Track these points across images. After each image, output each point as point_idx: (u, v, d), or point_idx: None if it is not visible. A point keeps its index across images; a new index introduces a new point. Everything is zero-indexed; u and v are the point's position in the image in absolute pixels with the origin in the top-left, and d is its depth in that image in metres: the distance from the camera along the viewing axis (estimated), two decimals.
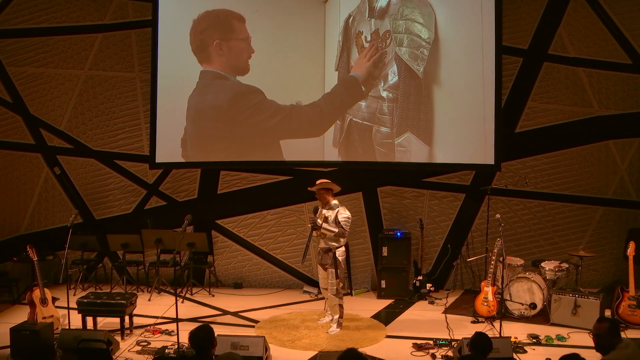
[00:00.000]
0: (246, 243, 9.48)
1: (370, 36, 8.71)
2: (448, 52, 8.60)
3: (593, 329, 4.94)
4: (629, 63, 8.66)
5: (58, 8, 9.13)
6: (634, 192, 8.86)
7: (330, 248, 7.29)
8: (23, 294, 8.20)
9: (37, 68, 9.21)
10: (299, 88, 8.83)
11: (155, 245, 8.79)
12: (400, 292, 8.78)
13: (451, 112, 8.66)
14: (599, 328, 4.87)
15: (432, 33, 8.57)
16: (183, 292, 8.90)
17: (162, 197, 9.51)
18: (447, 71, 8.62)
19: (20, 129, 9.32)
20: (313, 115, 8.84)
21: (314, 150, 8.90)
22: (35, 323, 6.85)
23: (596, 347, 4.86)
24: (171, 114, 8.97)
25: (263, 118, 8.84)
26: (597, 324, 4.92)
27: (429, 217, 9.23)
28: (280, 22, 8.84)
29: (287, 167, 9.20)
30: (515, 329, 7.43)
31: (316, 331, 7.38)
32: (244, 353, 6.05)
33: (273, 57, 8.84)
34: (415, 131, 8.71)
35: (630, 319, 7.40)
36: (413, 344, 6.91)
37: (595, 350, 4.88)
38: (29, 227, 9.48)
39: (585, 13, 8.66)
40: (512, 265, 8.16)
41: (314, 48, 8.81)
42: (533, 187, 8.96)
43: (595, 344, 4.88)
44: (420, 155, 8.74)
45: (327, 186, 7.37)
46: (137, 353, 6.66)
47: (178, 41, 8.93)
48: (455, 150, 8.72)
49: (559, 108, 8.89)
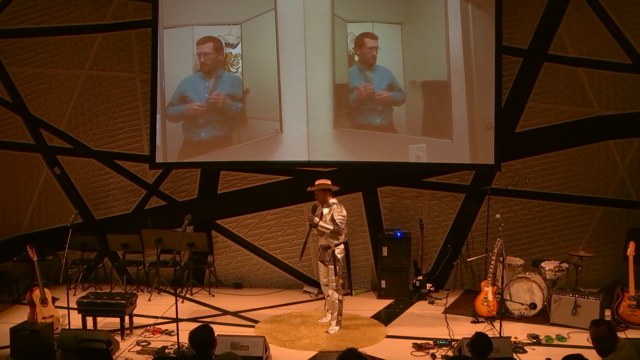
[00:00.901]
0: (246, 243, 9.48)
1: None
2: (448, 52, 8.60)
3: (592, 334, 4.88)
4: (629, 63, 8.65)
5: (58, 8, 9.12)
6: (634, 192, 8.86)
7: (329, 245, 7.34)
8: (23, 294, 8.21)
9: (37, 68, 9.21)
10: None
11: (155, 245, 8.80)
12: (400, 292, 8.78)
13: (451, 112, 8.66)
14: (598, 332, 4.83)
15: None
16: (183, 292, 8.90)
17: (162, 197, 9.51)
18: (447, 71, 8.62)
19: (20, 129, 9.32)
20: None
21: (314, 150, 8.91)
22: (35, 323, 6.85)
23: (598, 351, 4.84)
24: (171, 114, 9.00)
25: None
26: (595, 328, 4.86)
27: (429, 217, 9.23)
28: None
29: (287, 167, 9.20)
30: (515, 329, 7.44)
31: (316, 331, 7.38)
32: (243, 353, 6.05)
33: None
34: (415, 131, 8.72)
35: (630, 319, 7.40)
36: (413, 344, 6.91)
37: (598, 354, 4.87)
38: (29, 227, 9.48)
39: (585, 13, 8.65)
40: (512, 265, 8.16)
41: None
42: (533, 187, 8.96)
43: (597, 349, 4.85)
44: (421, 155, 8.75)
45: (325, 187, 7.42)
46: (137, 353, 6.67)
47: (178, 41, 8.94)
48: (456, 150, 8.72)
49: (559, 108, 8.88)
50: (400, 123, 8.81)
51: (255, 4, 8.91)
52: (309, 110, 8.89)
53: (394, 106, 8.78)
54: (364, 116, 8.87)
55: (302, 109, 8.89)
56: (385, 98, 8.79)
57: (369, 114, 8.85)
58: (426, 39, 8.73)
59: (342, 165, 8.91)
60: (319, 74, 8.86)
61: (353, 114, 8.89)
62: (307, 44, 8.85)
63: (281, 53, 8.89)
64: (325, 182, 7.45)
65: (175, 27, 9.04)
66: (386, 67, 8.79)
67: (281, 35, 8.88)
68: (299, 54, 8.86)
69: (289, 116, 8.92)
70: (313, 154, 8.92)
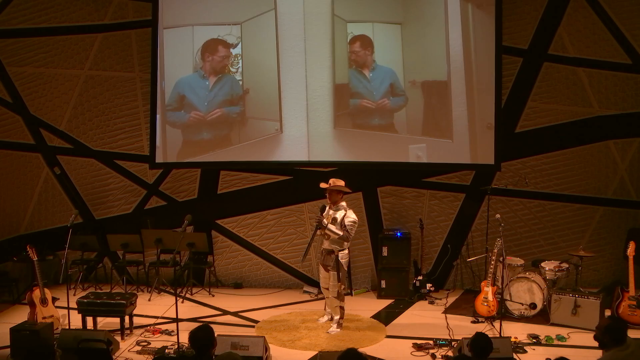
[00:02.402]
0: (246, 243, 9.47)
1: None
2: (448, 52, 8.60)
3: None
4: (629, 63, 8.65)
5: (58, 8, 9.12)
6: (634, 192, 8.86)
7: (333, 250, 7.27)
8: (23, 294, 8.20)
9: (37, 68, 9.21)
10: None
11: (155, 245, 8.80)
12: (400, 292, 8.78)
13: (451, 112, 8.65)
14: (601, 323, 4.98)
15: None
16: (183, 292, 8.90)
17: (162, 197, 9.51)
18: (447, 71, 8.62)
19: (20, 129, 9.32)
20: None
21: (314, 150, 8.91)
22: (35, 323, 6.85)
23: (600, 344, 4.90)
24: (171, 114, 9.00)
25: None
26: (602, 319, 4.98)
27: (429, 217, 9.23)
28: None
29: (287, 167, 9.20)
30: (515, 329, 7.44)
31: (316, 331, 7.38)
32: (243, 353, 6.05)
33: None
34: (415, 131, 8.72)
35: (630, 319, 7.39)
36: (413, 344, 6.91)
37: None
38: (29, 227, 9.48)
39: (585, 13, 8.65)
40: (512, 265, 8.16)
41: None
42: (533, 187, 8.95)
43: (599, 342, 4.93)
44: (421, 155, 8.75)
45: (342, 189, 7.33)
46: (137, 353, 6.67)
47: (178, 41, 8.94)
48: (456, 150, 8.72)
49: (559, 108, 8.88)
50: (400, 123, 8.81)
51: (255, 4, 8.91)
52: (309, 110, 8.89)
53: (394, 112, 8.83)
54: (364, 116, 8.87)
55: (302, 109, 8.90)
56: (385, 106, 8.80)
57: (369, 114, 8.86)
58: (426, 39, 8.73)
59: (342, 165, 8.91)
60: (319, 73, 8.87)
61: (353, 113, 8.89)
62: (307, 44, 8.85)
63: (281, 53, 8.89)
64: (340, 183, 7.35)
65: (175, 27, 9.04)
66: (389, 67, 8.79)
67: (281, 35, 8.88)
68: (299, 54, 8.86)
69: (289, 116, 8.92)
70: (313, 154, 8.92)
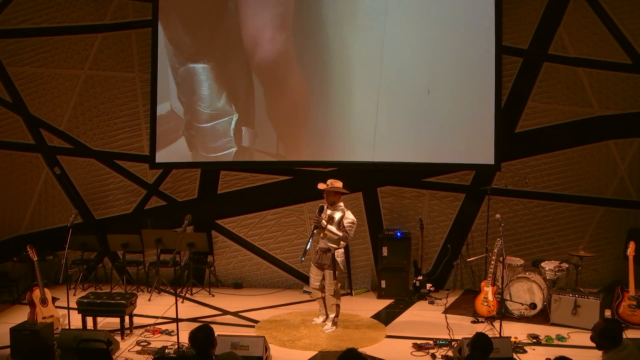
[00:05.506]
0: (246, 243, 9.48)
1: None
2: (448, 52, 8.60)
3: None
4: (629, 63, 8.65)
5: (58, 8, 9.13)
6: (634, 192, 8.86)
7: (329, 248, 7.28)
8: (23, 294, 8.20)
9: (37, 68, 9.22)
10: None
11: (155, 245, 8.79)
12: (400, 292, 8.78)
13: (451, 112, 8.65)
14: (597, 325, 5.02)
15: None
16: (183, 292, 8.90)
17: (162, 197, 9.51)
18: (447, 71, 8.62)
19: (20, 129, 9.32)
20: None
21: (314, 150, 8.90)
22: (35, 323, 6.84)
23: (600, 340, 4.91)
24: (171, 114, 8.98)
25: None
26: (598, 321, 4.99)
27: (429, 217, 9.23)
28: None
29: (287, 167, 9.20)
30: (515, 329, 7.43)
31: (316, 331, 7.38)
32: (244, 353, 6.05)
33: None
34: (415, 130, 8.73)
35: (630, 319, 7.40)
36: (413, 344, 6.91)
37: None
38: (29, 227, 9.48)
39: (585, 13, 8.65)
40: (512, 265, 8.16)
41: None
42: (533, 187, 8.96)
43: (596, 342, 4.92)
44: (421, 155, 8.75)
45: (339, 190, 7.33)
46: (137, 353, 6.66)
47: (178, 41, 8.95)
48: (455, 150, 8.72)
49: (559, 108, 8.88)
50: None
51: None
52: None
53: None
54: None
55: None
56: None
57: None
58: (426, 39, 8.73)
59: (342, 165, 8.90)
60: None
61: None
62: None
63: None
64: (338, 184, 7.33)
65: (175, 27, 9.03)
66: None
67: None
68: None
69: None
70: (313, 154, 8.91)
